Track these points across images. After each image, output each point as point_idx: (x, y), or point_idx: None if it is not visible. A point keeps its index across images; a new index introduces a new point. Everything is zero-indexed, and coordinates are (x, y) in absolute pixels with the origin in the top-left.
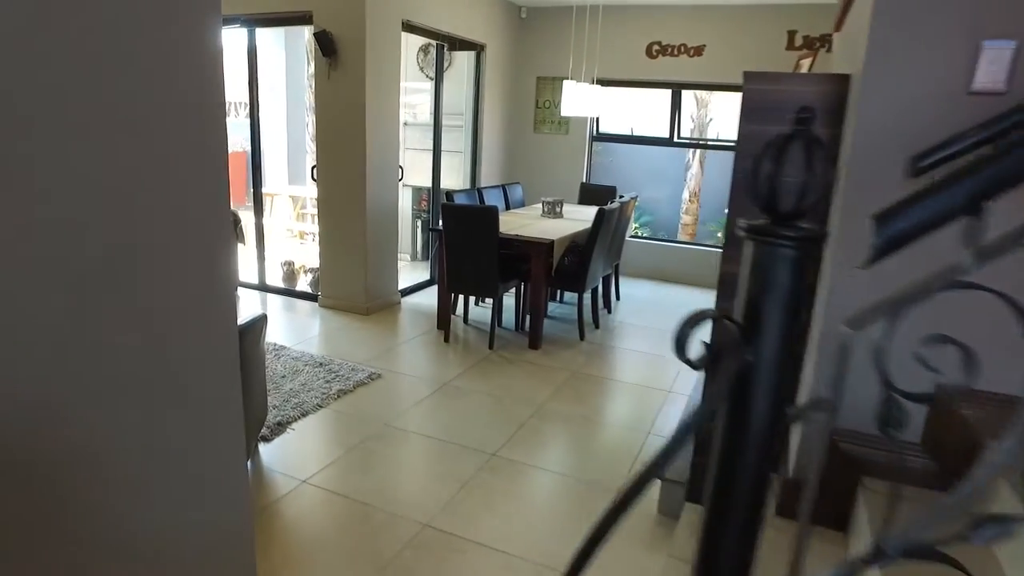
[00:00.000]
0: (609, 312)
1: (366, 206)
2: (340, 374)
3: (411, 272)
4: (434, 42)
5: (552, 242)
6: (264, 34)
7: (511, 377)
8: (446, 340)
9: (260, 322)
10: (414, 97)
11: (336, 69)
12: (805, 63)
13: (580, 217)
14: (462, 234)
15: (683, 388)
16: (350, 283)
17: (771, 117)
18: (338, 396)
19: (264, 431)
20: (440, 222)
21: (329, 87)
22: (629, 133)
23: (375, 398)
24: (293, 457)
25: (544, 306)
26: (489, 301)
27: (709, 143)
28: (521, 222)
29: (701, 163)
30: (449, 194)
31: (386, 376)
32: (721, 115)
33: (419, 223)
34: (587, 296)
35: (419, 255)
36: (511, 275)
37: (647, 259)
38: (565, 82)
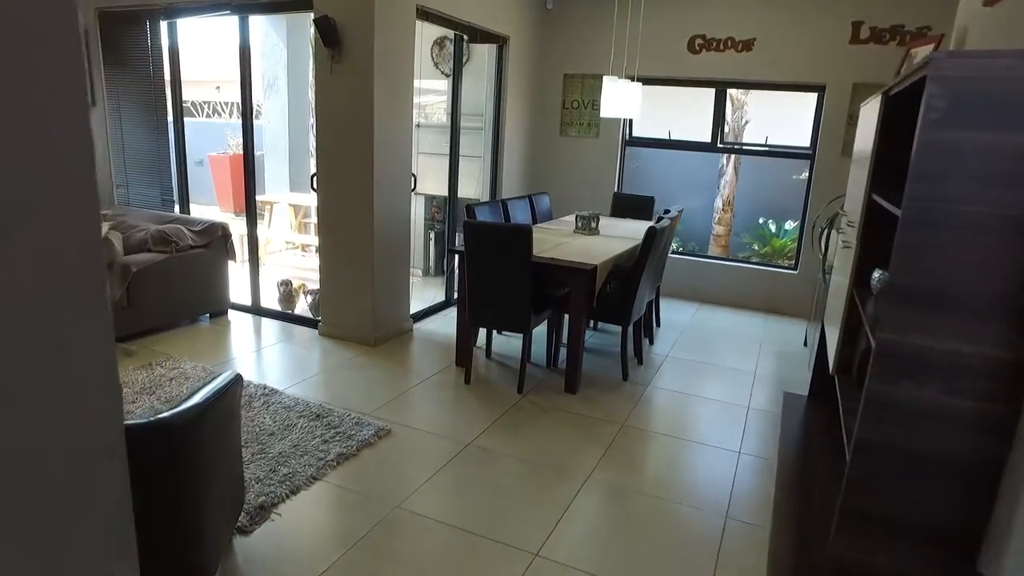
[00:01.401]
0: (651, 343)
1: (373, 220)
2: (341, 430)
3: (424, 290)
4: (451, 33)
5: (595, 267)
6: (261, 24)
7: (547, 433)
8: (467, 380)
9: (230, 390)
10: (428, 97)
11: (340, 62)
12: (921, 51)
13: (618, 233)
14: (488, 257)
15: (755, 448)
16: (355, 309)
17: (1001, 120)
18: (338, 463)
19: (242, 519)
20: (459, 240)
21: (331, 82)
22: (666, 137)
23: (384, 465)
24: (277, 559)
25: (583, 342)
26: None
27: (775, 149)
28: (553, 240)
29: (736, 169)
30: (470, 208)
31: (397, 432)
32: (760, 117)
33: (432, 235)
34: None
35: (432, 270)
36: (544, 305)
37: (685, 277)
38: (605, 78)
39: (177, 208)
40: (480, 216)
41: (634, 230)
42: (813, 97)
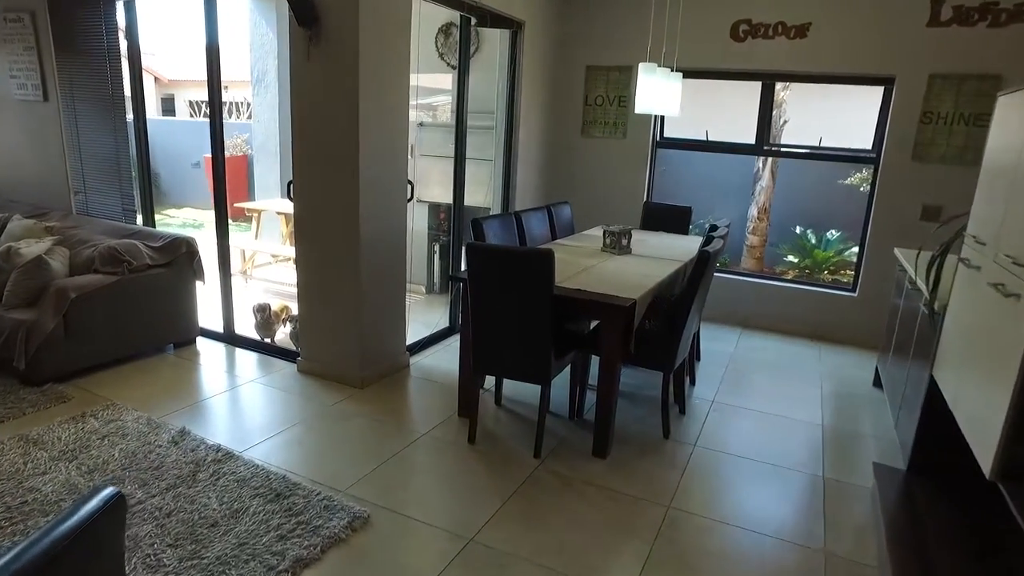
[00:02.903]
0: (692, 383)
1: (359, 236)
2: (305, 518)
3: (426, 311)
4: (458, 15)
5: (633, 302)
6: (249, 13)
7: (572, 521)
8: (471, 439)
9: (96, 524)
10: (433, 93)
11: (318, 45)
12: None
13: (653, 252)
14: (498, 289)
15: (848, 546)
16: (338, 342)
17: None
18: (294, 573)
19: None
20: (464, 265)
21: (308, 71)
22: (703, 138)
23: None
24: None
25: (616, 396)
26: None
27: (830, 153)
28: (578, 263)
29: (773, 173)
30: (477, 223)
31: (377, 521)
32: (802, 116)
33: (437, 247)
34: None
35: (436, 287)
36: (567, 345)
37: (724, 298)
38: (640, 66)
39: (140, 219)
40: (489, 231)
41: (671, 248)
42: (876, 92)
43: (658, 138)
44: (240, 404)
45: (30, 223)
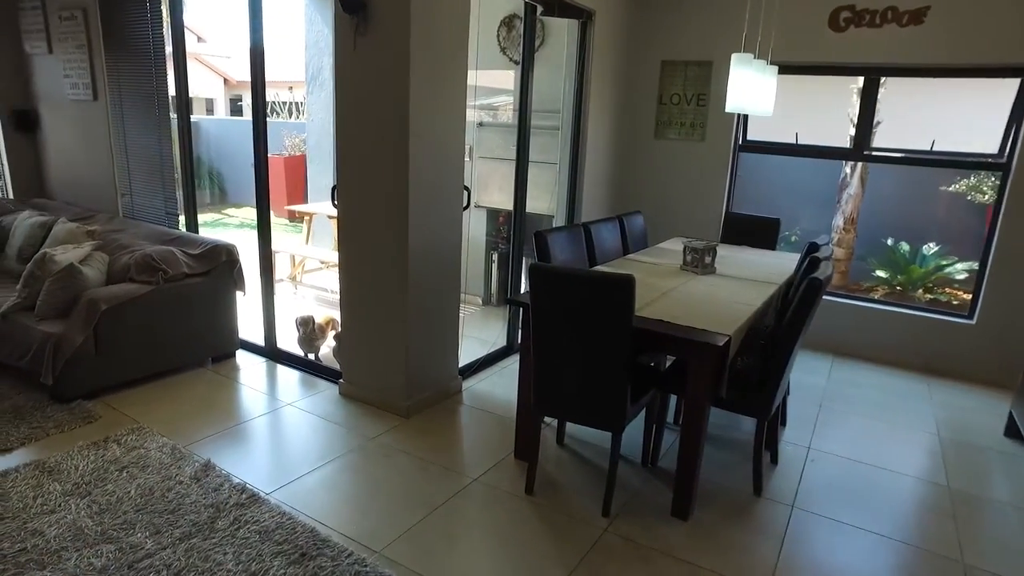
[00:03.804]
0: (783, 423)
1: (408, 247)
2: None
3: (482, 326)
4: (523, 4)
5: (728, 339)
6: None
7: None
8: (529, 489)
9: None
10: (494, 90)
11: (365, 34)
12: None
13: (740, 271)
14: (565, 319)
15: None
16: (383, 364)
17: None
18: None
19: None
20: (526, 287)
21: (354, 62)
22: (792, 141)
23: None
24: None
25: (702, 447)
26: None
27: (946, 159)
28: (656, 285)
29: (863, 180)
30: (540, 236)
31: None
32: (896, 116)
33: (495, 256)
34: None
35: (494, 298)
36: (644, 384)
37: (814, 321)
38: (734, 57)
39: (183, 223)
40: (555, 245)
41: (760, 266)
42: (1002, 86)
43: (740, 141)
44: (273, 433)
45: (73, 226)
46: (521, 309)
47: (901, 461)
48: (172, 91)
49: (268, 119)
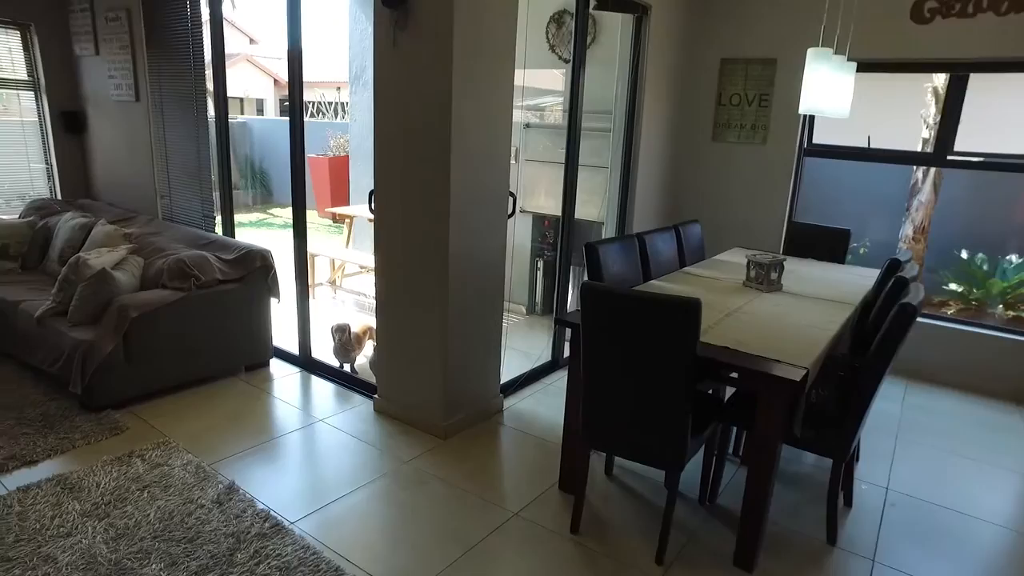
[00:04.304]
0: (856, 459)
1: (448, 256)
2: None
3: (526, 337)
4: (572, 2)
5: (805, 372)
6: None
7: None
8: (575, 528)
9: None
10: (541, 90)
11: (405, 29)
12: None
13: (809, 288)
14: (621, 344)
15: None
16: (420, 380)
17: None
18: None
19: None
20: (574, 299)
21: (394, 59)
22: (864, 145)
23: None
24: None
25: (771, 489)
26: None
27: None
28: (719, 303)
29: (936, 186)
30: (592, 249)
31: None
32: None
33: (540, 263)
34: None
35: (538, 307)
36: (706, 416)
37: None
38: (810, 52)
39: (219, 227)
40: (608, 258)
41: (830, 283)
42: None
43: (806, 144)
44: (302, 452)
45: (111, 229)
46: (568, 332)
47: (999, 511)
48: (211, 91)
49: (313, 119)
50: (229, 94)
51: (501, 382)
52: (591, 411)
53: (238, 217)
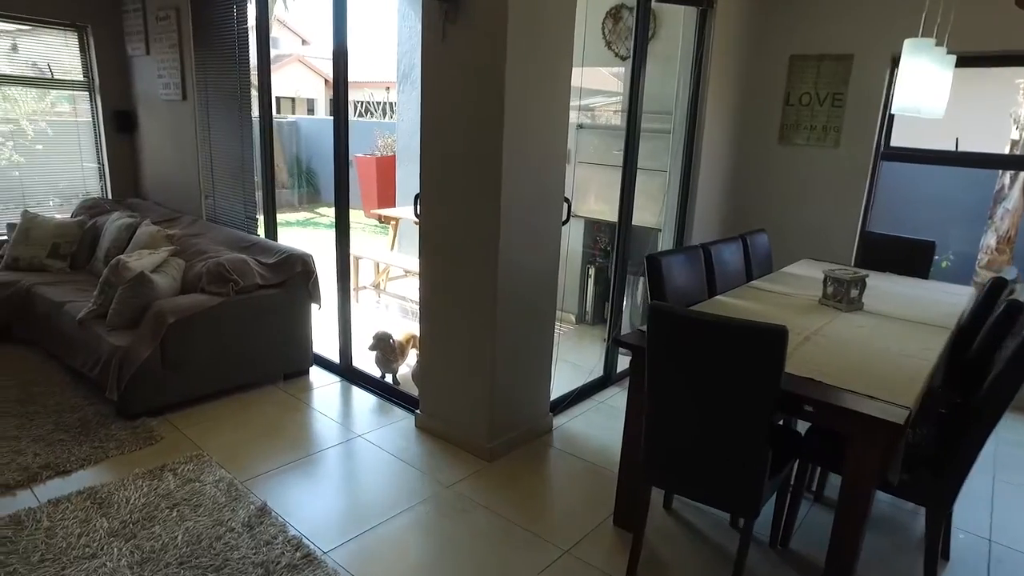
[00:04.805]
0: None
1: (498, 265)
2: None
3: (576, 347)
4: None
5: (908, 413)
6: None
7: None
8: (631, 572)
9: None
10: (595, 89)
11: (455, 22)
12: None
13: (895, 308)
14: (693, 373)
15: None
16: (465, 397)
17: None
18: None
19: None
20: (629, 312)
21: (443, 55)
22: (951, 148)
23: None
24: None
25: (860, 541)
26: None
27: None
28: (793, 324)
29: None
30: (655, 260)
31: None
32: None
33: (592, 270)
34: None
35: (589, 316)
36: (784, 454)
37: None
38: (906, 43)
39: (262, 228)
40: (671, 271)
41: (917, 301)
42: None
43: (883, 147)
44: (339, 472)
45: (154, 230)
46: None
47: None
48: (256, 90)
49: (362, 119)
50: (280, 94)
51: (551, 399)
52: (654, 445)
53: (286, 216)
